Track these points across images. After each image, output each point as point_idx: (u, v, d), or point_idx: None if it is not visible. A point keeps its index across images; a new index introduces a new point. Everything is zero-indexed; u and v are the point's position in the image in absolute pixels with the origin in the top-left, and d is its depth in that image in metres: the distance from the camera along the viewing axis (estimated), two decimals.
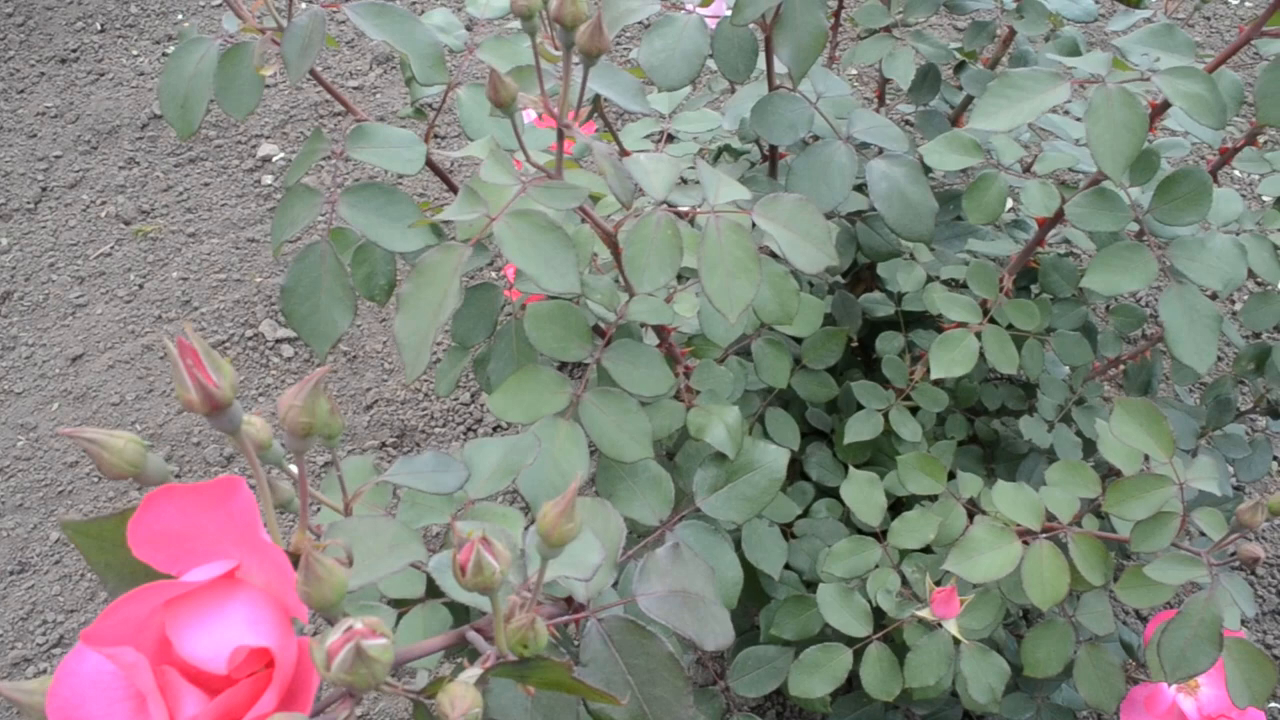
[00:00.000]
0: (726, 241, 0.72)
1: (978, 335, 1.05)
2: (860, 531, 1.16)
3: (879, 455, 1.25)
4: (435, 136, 0.85)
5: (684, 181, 0.93)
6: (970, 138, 1.01)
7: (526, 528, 0.61)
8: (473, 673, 0.45)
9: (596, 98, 1.05)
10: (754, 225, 0.74)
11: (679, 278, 0.88)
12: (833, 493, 1.24)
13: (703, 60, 0.90)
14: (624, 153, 1.03)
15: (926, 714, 1.24)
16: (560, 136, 0.66)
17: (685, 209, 0.75)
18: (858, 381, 1.20)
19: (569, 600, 0.63)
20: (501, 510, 0.65)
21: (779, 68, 1.00)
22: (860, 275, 1.38)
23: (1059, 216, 1.00)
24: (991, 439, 1.30)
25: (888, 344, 1.23)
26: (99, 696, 0.41)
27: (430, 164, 0.87)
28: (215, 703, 0.37)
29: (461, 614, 0.75)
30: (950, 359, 1.03)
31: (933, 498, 1.10)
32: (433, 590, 0.74)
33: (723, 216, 0.72)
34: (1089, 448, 1.22)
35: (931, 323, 1.29)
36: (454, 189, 0.94)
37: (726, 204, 0.73)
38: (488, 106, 0.84)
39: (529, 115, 1.08)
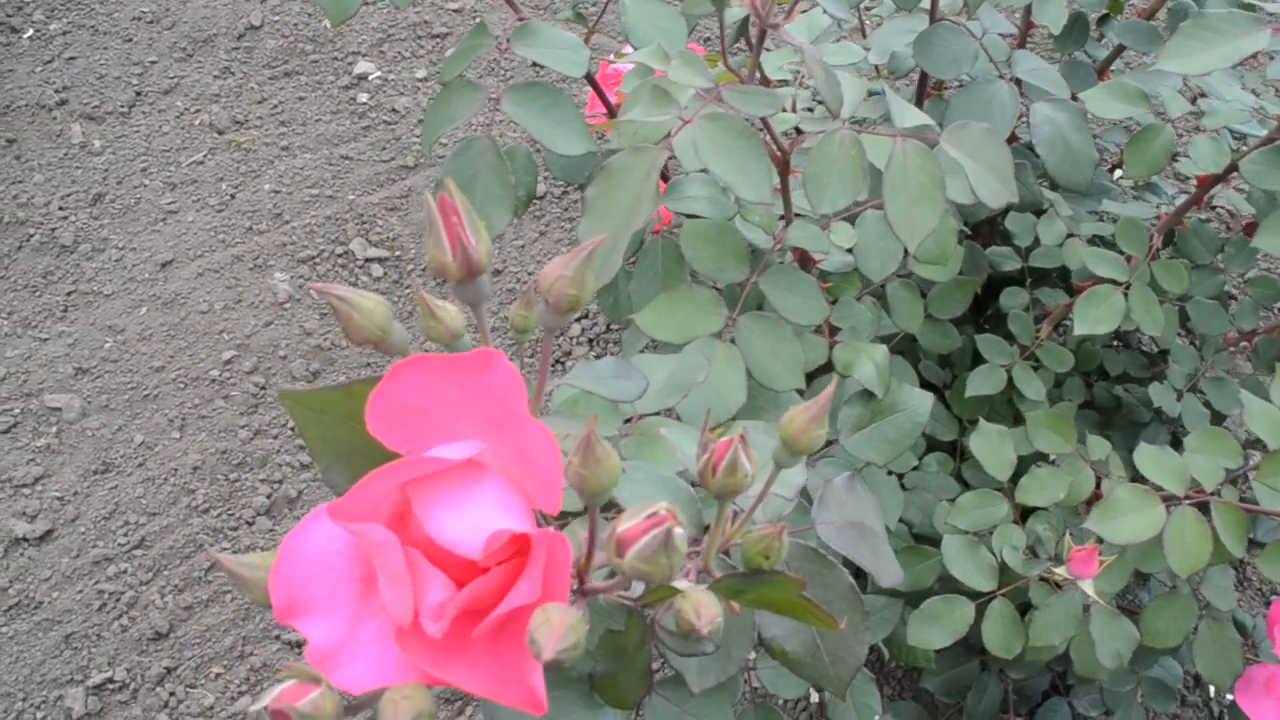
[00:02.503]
0: (912, 166, 0.68)
1: (1124, 294, 1.01)
2: (969, 486, 1.13)
3: (992, 413, 1.21)
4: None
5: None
6: (1136, 86, 0.96)
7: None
8: (691, 584, 0.43)
9: (745, 23, 1.01)
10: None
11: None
12: (943, 447, 1.21)
13: None
14: (765, 81, 0.99)
15: (1020, 677, 1.21)
16: (760, 36, 0.63)
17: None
18: (982, 334, 1.16)
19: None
20: (675, 425, 0.62)
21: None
22: (978, 229, 1.34)
23: (1226, 174, 0.96)
24: (1110, 405, 1.26)
25: (1013, 299, 1.19)
26: (324, 576, 0.39)
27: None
28: (468, 589, 0.35)
29: None
30: (1095, 316, 0.99)
31: (1049, 458, 1.07)
32: None
33: (908, 140, 0.69)
34: (1215, 420, 1.18)
35: (1056, 280, 1.25)
36: (603, 97, 0.91)
37: (914, 128, 0.69)
38: (653, 12, 0.81)
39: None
